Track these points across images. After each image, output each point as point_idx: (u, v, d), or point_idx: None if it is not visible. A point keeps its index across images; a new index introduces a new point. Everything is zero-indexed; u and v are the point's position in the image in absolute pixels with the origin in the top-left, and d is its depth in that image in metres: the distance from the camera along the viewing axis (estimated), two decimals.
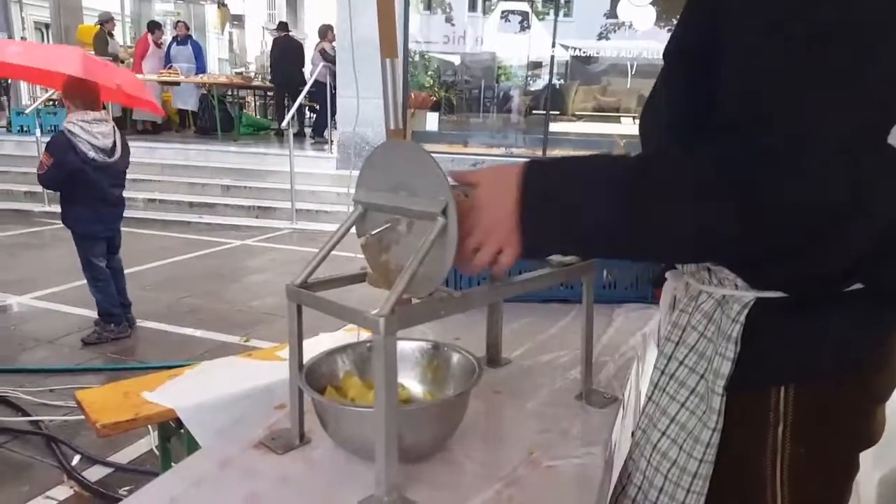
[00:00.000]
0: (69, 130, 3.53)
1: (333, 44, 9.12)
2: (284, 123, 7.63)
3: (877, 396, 0.80)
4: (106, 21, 9.98)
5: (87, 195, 3.61)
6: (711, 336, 0.82)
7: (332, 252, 0.93)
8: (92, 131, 3.58)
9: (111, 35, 9.96)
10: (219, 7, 13.35)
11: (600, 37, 9.57)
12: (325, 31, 9.49)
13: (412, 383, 1.06)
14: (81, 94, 3.61)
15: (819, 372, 0.76)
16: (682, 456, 0.82)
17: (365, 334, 1.41)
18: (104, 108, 3.88)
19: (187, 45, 10.16)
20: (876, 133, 0.67)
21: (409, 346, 1.07)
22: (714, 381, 0.79)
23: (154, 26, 10.34)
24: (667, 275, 0.96)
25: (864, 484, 1.31)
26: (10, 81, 11.54)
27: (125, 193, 3.89)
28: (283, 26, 10.67)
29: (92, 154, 3.56)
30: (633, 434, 0.98)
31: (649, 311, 1.59)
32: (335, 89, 8.52)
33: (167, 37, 10.72)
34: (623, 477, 0.97)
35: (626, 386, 1.22)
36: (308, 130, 10.27)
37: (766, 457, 0.78)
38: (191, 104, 10.25)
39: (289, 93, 9.79)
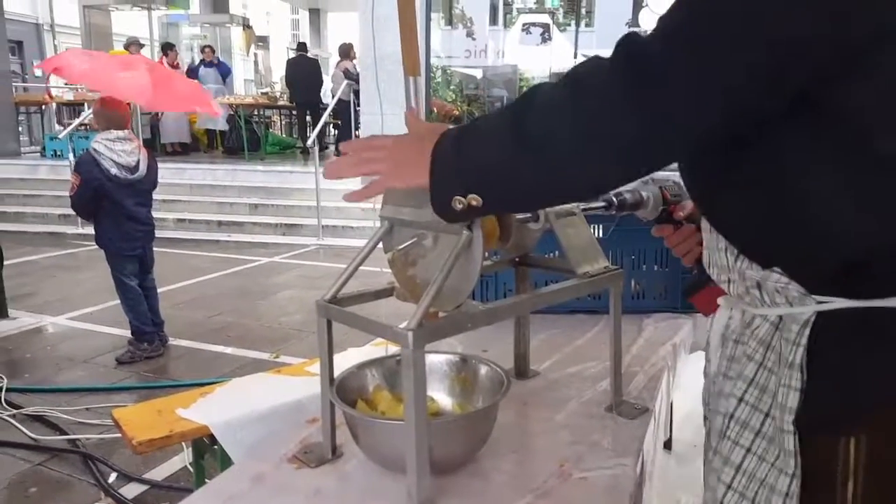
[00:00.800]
0: (94, 149, 3.66)
1: (355, 62, 9.25)
2: (309, 142, 7.74)
3: None
4: (130, 45, 10.23)
5: (114, 212, 3.71)
6: (772, 366, 0.71)
7: (360, 267, 0.94)
8: (115, 149, 3.68)
9: None
10: (244, 29, 13.66)
11: None
12: (347, 51, 9.64)
13: (441, 396, 1.07)
14: (108, 114, 3.73)
15: (893, 412, 0.65)
16: None
17: (393, 348, 1.42)
18: (131, 128, 3.98)
19: (212, 67, 10.36)
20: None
21: (437, 359, 1.08)
22: (782, 416, 0.67)
23: (167, 48, 10.38)
24: (719, 301, 0.85)
25: None
26: (44, 107, 11.91)
27: (155, 213, 3.98)
28: (301, 47, 10.87)
29: (114, 171, 3.66)
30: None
31: (679, 321, 1.57)
32: (358, 106, 8.63)
33: (188, 60, 10.90)
34: None
35: (657, 396, 1.21)
36: (332, 148, 10.38)
37: None
38: (220, 124, 10.43)
39: (309, 111, 9.94)
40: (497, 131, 0.73)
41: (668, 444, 1.94)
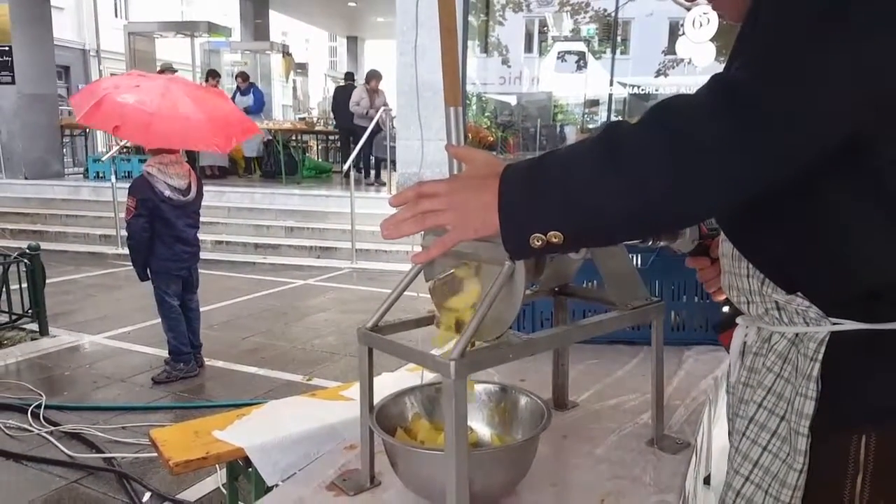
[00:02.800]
0: (148, 172, 3.78)
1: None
2: (345, 167, 7.87)
3: None
4: (165, 70, 10.56)
5: (164, 233, 3.82)
6: (789, 376, 0.80)
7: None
8: (168, 172, 3.82)
9: None
10: (284, 56, 14.02)
11: (658, 73, 9.53)
12: (371, 77, 9.86)
13: (479, 426, 1.06)
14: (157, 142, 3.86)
15: None
16: (769, 500, 0.80)
17: (428, 375, 1.42)
18: (180, 152, 4.09)
19: (249, 94, 10.56)
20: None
21: (476, 389, 1.07)
22: (798, 421, 0.76)
23: (210, 75, 10.62)
24: (737, 320, 0.93)
25: None
26: (87, 130, 12.35)
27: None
28: (348, 76, 11.06)
29: (168, 193, 3.79)
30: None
31: (720, 354, 1.54)
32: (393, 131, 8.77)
33: (230, 86, 11.17)
34: None
35: (699, 431, 1.18)
36: (372, 173, 10.40)
37: None
38: (255, 150, 10.65)
39: (352, 136, 10.08)
40: (587, 168, 0.70)
41: (707, 480, 1.89)
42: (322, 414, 1.90)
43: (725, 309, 1.07)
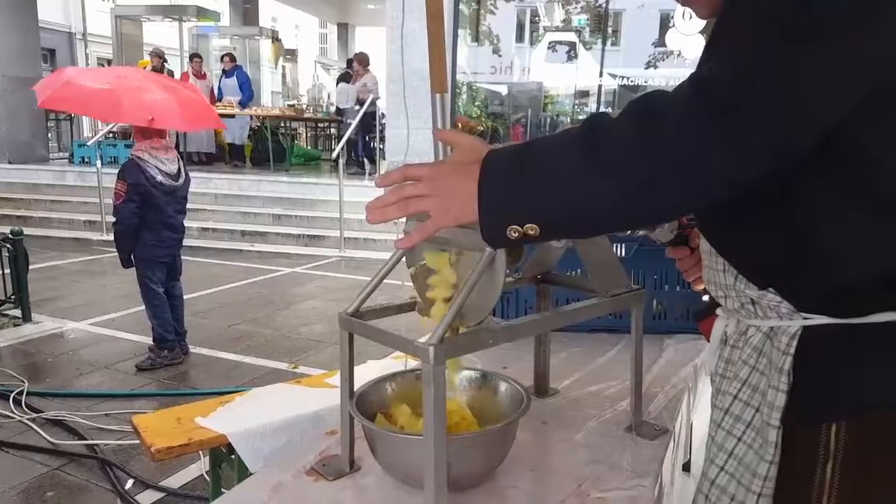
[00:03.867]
0: (138, 157, 3.72)
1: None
2: (334, 154, 7.83)
3: None
4: (153, 56, 10.42)
5: (153, 219, 3.78)
6: (763, 369, 0.82)
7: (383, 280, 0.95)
8: (159, 157, 3.78)
9: (159, 70, 10.28)
10: (273, 42, 13.90)
11: (648, 65, 9.55)
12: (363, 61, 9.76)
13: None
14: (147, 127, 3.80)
15: (869, 409, 0.75)
16: (741, 490, 0.81)
17: (412, 362, 1.42)
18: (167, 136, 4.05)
19: (233, 76, 10.36)
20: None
21: (457, 374, 1.08)
22: (769, 413, 0.78)
23: (193, 57, 10.49)
24: (717, 311, 0.95)
25: None
26: (73, 115, 12.19)
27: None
28: (350, 63, 10.89)
29: (160, 178, 3.75)
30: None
31: (701, 342, 1.55)
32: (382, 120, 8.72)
33: (217, 71, 11.04)
34: None
35: (677, 418, 1.19)
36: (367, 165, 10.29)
37: (812, 494, 0.77)
38: (238, 137, 10.46)
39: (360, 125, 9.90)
40: (566, 162, 0.70)
41: (686, 466, 1.91)
42: (306, 401, 1.90)
43: (705, 298, 1.08)
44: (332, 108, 13.01)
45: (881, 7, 0.64)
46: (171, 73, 10.85)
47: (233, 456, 1.80)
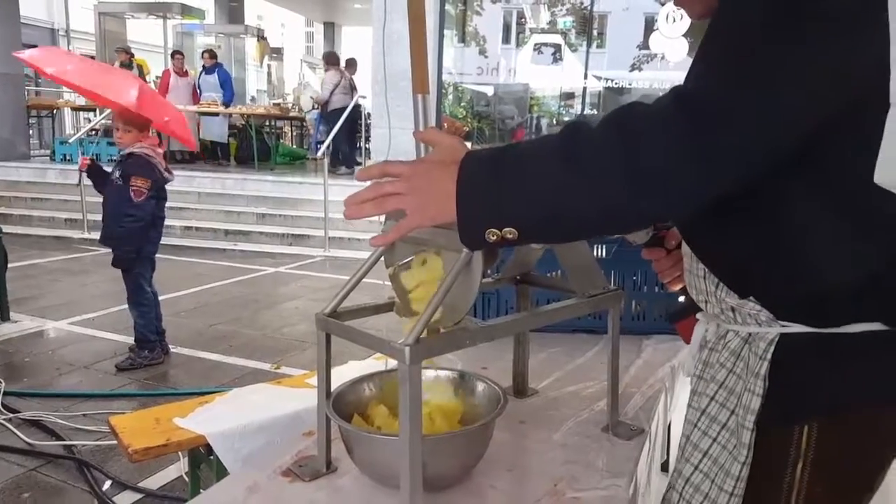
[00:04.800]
0: (145, 154, 3.68)
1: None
2: (319, 154, 7.79)
3: (893, 444, 0.81)
4: (120, 51, 10.31)
5: (156, 216, 3.77)
6: (740, 373, 0.83)
7: (364, 280, 0.94)
8: (157, 153, 3.78)
9: (128, 66, 10.16)
10: (258, 40, 13.81)
11: (633, 68, 9.61)
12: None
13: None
14: (143, 121, 3.76)
15: (841, 412, 0.78)
16: (714, 489, 0.83)
17: (393, 362, 1.42)
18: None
19: (214, 73, 10.24)
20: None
21: (435, 374, 1.08)
22: (744, 416, 0.80)
23: (175, 53, 10.34)
24: (698, 315, 0.96)
25: None
26: (55, 111, 12.03)
27: (165, 221, 4.02)
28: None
29: (166, 174, 3.76)
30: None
31: (679, 343, 1.56)
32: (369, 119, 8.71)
33: (198, 67, 10.95)
34: None
35: (653, 418, 1.20)
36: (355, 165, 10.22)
37: (782, 493, 0.79)
38: (217, 135, 10.32)
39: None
40: (544, 168, 0.70)
41: (664, 466, 1.93)
42: (286, 401, 1.89)
43: (681, 299, 1.09)
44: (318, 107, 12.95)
45: (861, 20, 0.65)
46: (139, 70, 10.72)
47: (211, 457, 1.79)
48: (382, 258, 0.98)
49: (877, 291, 0.75)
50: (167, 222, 4.03)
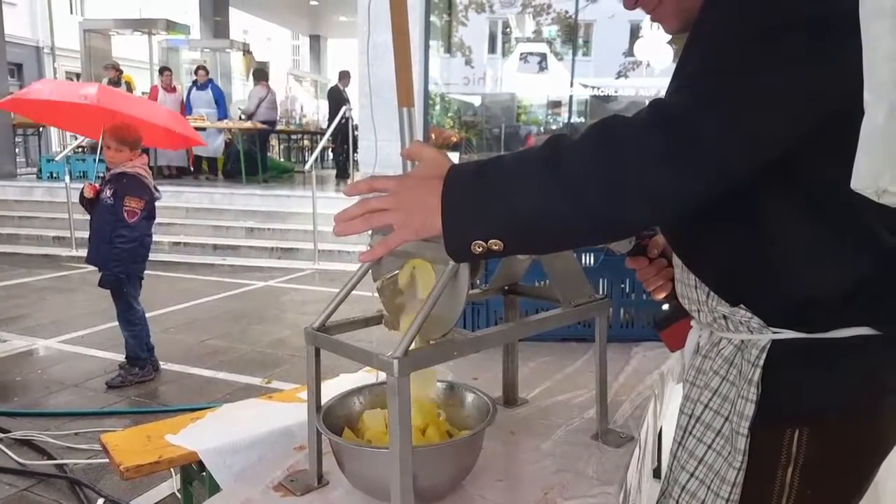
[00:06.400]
0: (138, 173, 3.66)
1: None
2: (307, 167, 7.79)
3: (883, 445, 0.83)
4: (108, 68, 10.29)
5: (147, 234, 3.75)
6: (733, 380, 0.85)
7: (354, 292, 0.95)
8: (149, 172, 3.76)
9: (116, 82, 10.15)
10: (244, 54, 13.80)
11: (619, 75, 9.70)
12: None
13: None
14: (135, 139, 3.74)
15: (830, 417, 0.79)
16: (710, 496, 0.84)
17: (383, 375, 1.42)
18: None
19: (207, 89, 10.29)
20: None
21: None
22: (738, 422, 0.81)
23: (163, 70, 10.36)
24: (692, 322, 0.98)
25: None
26: (41, 129, 11.96)
27: (154, 237, 4.00)
28: (342, 75, 10.62)
29: (156, 194, 3.75)
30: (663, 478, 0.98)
31: (667, 350, 1.58)
32: (356, 131, 8.72)
33: (188, 84, 10.95)
34: None
35: (643, 425, 1.21)
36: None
37: (773, 496, 0.81)
38: (212, 150, 10.33)
39: (341, 136, 9.86)
40: (528, 181, 0.71)
41: (657, 473, 1.94)
42: (278, 416, 1.88)
43: (665, 307, 1.11)
44: (304, 120, 12.95)
45: (834, 37, 0.66)
46: (128, 86, 10.69)
47: (204, 473, 1.78)
48: (370, 272, 0.99)
49: (864, 296, 0.76)
50: (155, 237, 4.01)
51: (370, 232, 0.96)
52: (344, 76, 9.82)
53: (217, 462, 1.76)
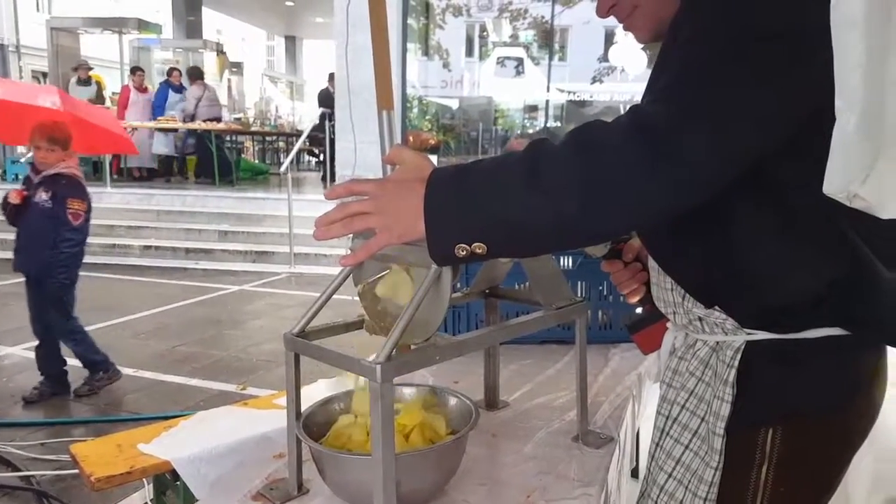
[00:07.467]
0: (75, 174, 3.51)
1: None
2: (282, 168, 7.72)
3: (853, 443, 0.85)
4: (79, 67, 10.12)
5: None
6: (709, 381, 0.86)
7: (334, 296, 0.94)
8: (81, 172, 3.61)
9: (86, 83, 9.95)
10: (217, 55, 13.64)
11: (594, 80, 9.79)
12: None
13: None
14: (69, 136, 3.54)
15: (803, 415, 0.81)
16: (689, 496, 0.85)
17: (364, 382, 1.41)
18: None
19: (181, 90, 10.19)
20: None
21: (407, 392, 1.08)
22: (715, 422, 0.82)
23: (135, 70, 10.26)
24: (668, 325, 0.99)
25: None
26: None
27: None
28: (332, 77, 10.70)
29: (89, 196, 3.61)
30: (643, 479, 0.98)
31: None
32: (334, 134, 8.66)
33: (156, 83, 10.80)
34: None
35: (622, 425, 1.22)
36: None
37: (748, 493, 0.82)
38: (169, 147, 10.13)
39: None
40: (510, 185, 0.72)
41: (635, 473, 1.95)
42: (254, 423, 1.86)
43: (639, 310, 1.11)
44: (280, 121, 12.84)
45: (807, 48, 0.68)
46: (98, 85, 10.50)
47: (178, 483, 1.75)
48: (351, 276, 0.98)
49: (834, 298, 0.77)
50: (125, 242, 3.93)
51: (351, 236, 0.95)
52: (332, 78, 9.78)
53: (192, 471, 1.72)
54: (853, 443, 0.85)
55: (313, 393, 1.12)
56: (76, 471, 1.82)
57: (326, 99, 9.68)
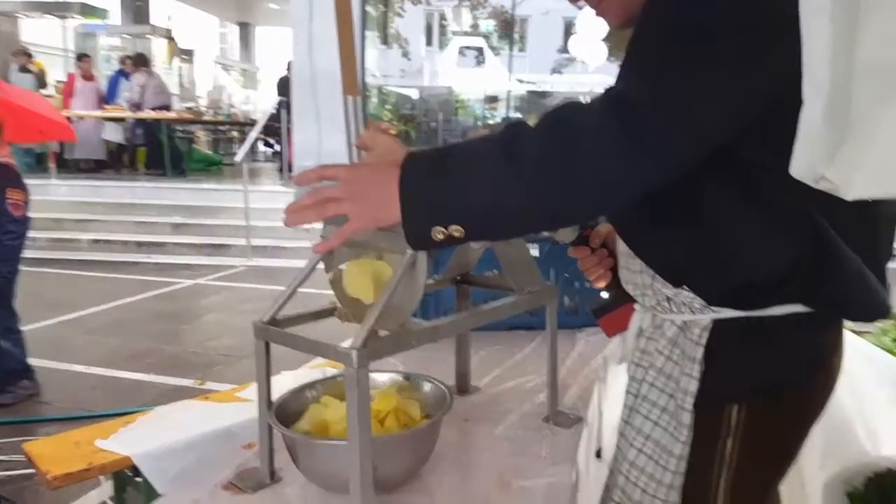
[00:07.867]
0: (10, 163, 3.35)
1: None
2: (237, 158, 7.54)
3: (814, 414, 0.88)
4: (17, 54, 9.71)
5: None
6: (677, 359, 0.88)
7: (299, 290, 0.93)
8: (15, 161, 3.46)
9: (26, 70, 9.55)
10: (168, 41, 13.21)
11: (553, 71, 9.87)
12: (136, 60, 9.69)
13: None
14: (2, 127, 3.36)
15: (768, 390, 0.84)
16: (658, 469, 0.87)
17: (331, 371, 1.40)
18: None
19: (131, 79, 9.88)
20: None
21: (380, 378, 1.07)
22: (683, 398, 0.84)
23: (81, 57, 9.89)
24: (635, 306, 1.01)
25: (810, 484, 1.36)
26: None
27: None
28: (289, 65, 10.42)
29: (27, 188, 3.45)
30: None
31: None
32: (289, 123, 8.51)
33: (107, 71, 10.41)
34: (605, 499, 0.98)
35: (590, 406, 1.25)
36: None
37: (714, 466, 0.85)
38: (119, 136, 9.86)
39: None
40: (486, 166, 0.72)
41: (598, 453, 1.99)
42: (216, 416, 1.82)
43: (604, 294, 1.14)
44: (233, 111, 12.55)
45: (778, 33, 0.69)
46: (40, 72, 10.07)
47: (138, 479, 1.70)
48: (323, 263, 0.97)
49: (799, 276, 0.80)
50: (72, 235, 3.77)
51: (320, 224, 0.94)
52: (291, 66, 9.57)
53: (152, 466, 1.68)
54: (815, 414, 0.88)
55: (278, 384, 1.11)
56: (27, 470, 1.76)
57: (286, 87, 9.50)
